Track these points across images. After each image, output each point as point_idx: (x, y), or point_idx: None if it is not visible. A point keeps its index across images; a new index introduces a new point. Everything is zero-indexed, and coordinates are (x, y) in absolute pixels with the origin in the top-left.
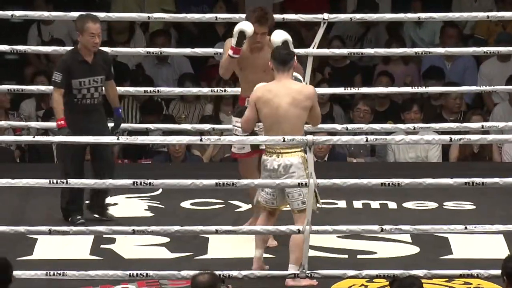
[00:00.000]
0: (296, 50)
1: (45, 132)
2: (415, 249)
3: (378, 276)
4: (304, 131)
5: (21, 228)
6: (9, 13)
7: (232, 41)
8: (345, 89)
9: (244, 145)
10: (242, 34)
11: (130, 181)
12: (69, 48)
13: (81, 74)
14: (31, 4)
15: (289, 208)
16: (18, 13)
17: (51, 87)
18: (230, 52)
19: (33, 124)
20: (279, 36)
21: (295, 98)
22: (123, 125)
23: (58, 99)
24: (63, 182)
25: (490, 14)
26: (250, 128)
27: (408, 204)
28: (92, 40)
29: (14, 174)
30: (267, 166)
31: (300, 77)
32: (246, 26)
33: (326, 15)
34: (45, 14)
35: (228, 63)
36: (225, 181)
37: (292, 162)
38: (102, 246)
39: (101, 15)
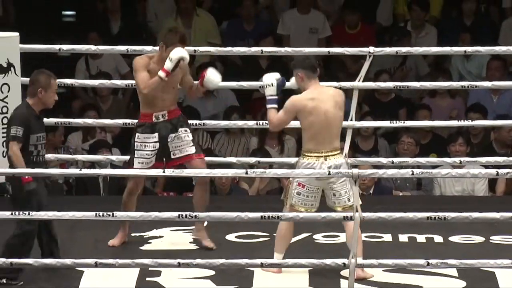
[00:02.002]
0: (343, 83)
1: (92, 165)
2: (461, 284)
3: None
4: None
5: (68, 261)
6: (56, 47)
7: (169, 65)
8: (390, 123)
9: (152, 159)
10: (180, 60)
11: (175, 213)
12: (116, 81)
13: (37, 129)
14: (83, 38)
15: None
16: (65, 47)
17: (98, 120)
18: (163, 74)
19: (79, 157)
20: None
21: (337, 102)
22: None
23: (19, 154)
24: (109, 215)
25: None
26: (279, 130)
27: (455, 238)
28: (54, 98)
29: (61, 207)
30: (315, 168)
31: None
32: (184, 53)
33: (371, 49)
34: (92, 48)
35: (157, 84)
36: (270, 214)
37: (340, 162)
38: (147, 279)
39: (148, 48)
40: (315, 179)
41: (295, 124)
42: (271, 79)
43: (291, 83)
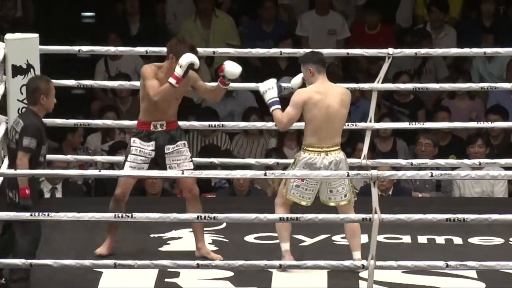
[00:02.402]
0: (361, 85)
1: (111, 166)
2: (481, 285)
3: None
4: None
5: (87, 262)
6: (76, 48)
7: (179, 72)
8: (409, 124)
9: (144, 166)
10: (191, 66)
11: (194, 215)
12: (135, 82)
13: (45, 140)
14: (103, 40)
15: None
16: (85, 48)
17: (117, 122)
18: (173, 81)
19: (99, 158)
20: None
21: (342, 99)
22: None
23: (27, 166)
24: (128, 216)
25: None
26: (288, 128)
27: (474, 240)
28: (54, 102)
29: (80, 208)
30: (316, 164)
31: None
32: (195, 59)
33: (391, 50)
34: (112, 49)
35: (168, 91)
36: (289, 215)
37: (341, 158)
38: (166, 279)
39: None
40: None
41: None
42: (269, 83)
43: (295, 82)
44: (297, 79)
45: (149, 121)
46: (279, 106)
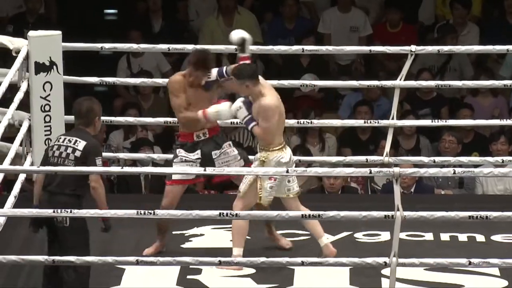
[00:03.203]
0: (384, 82)
1: (133, 163)
2: (503, 283)
3: None
4: None
5: (109, 259)
6: (98, 45)
7: (212, 115)
8: (432, 121)
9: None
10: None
11: (216, 212)
12: (157, 80)
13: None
14: (125, 37)
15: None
16: (107, 45)
17: (140, 119)
18: (202, 117)
19: (121, 155)
20: (237, 33)
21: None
22: None
23: (103, 188)
24: (150, 213)
25: None
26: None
27: (497, 237)
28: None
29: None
30: (283, 158)
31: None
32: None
33: (413, 47)
34: (134, 46)
35: (194, 119)
36: (311, 212)
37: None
38: (188, 276)
39: (189, 47)
40: (286, 167)
41: (335, 122)
42: (236, 105)
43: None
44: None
45: (191, 132)
46: (255, 123)
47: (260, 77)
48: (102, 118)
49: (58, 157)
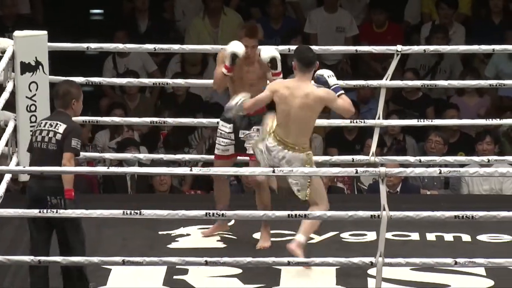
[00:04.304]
0: (370, 82)
1: (119, 163)
2: (489, 283)
3: None
4: (312, 132)
5: (95, 259)
6: (84, 45)
7: (226, 61)
8: (418, 121)
9: (229, 148)
10: (234, 55)
11: (203, 212)
12: (143, 80)
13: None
14: (111, 37)
15: None
16: (93, 45)
17: (126, 119)
18: (224, 70)
19: (107, 155)
20: (268, 53)
21: (304, 102)
22: (196, 157)
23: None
24: (136, 213)
25: None
26: (252, 110)
27: (482, 237)
28: (81, 107)
29: (88, 204)
30: (272, 152)
31: (325, 72)
32: (237, 48)
33: (399, 47)
34: (120, 46)
35: (221, 79)
36: (297, 212)
37: (297, 158)
38: (175, 277)
39: (175, 47)
40: (270, 159)
41: (321, 122)
42: (236, 99)
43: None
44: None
45: None
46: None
47: (309, 84)
48: (88, 118)
49: (41, 141)
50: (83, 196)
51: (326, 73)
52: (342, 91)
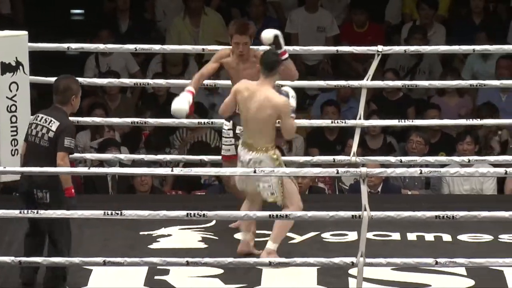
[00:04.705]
0: (351, 82)
1: (100, 163)
2: (470, 282)
3: None
4: (274, 131)
5: (76, 259)
6: (65, 45)
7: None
8: (399, 121)
9: (230, 148)
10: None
11: (184, 212)
12: (125, 80)
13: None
14: (93, 37)
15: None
16: (74, 45)
17: (107, 119)
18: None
19: (88, 155)
20: (269, 32)
21: (261, 105)
22: (177, 157)
23: (69, 165)
24: (117, 214)
25: None
26: (225, 112)
27: (463, 237)
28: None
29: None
30: (240, 157)
31: (290, 92)
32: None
33: (380, 47)
34: (101, 46)
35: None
36: (278, 212)
37: (263, 159)
38: (156, 277)
39: (156, 47)
40: (241, 165)
41: (302, 122)
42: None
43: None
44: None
45: None
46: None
47: (269, 88)
48: (69, 118)
49: (35, 136)
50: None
51: (291, 92)
52: (294, 116)
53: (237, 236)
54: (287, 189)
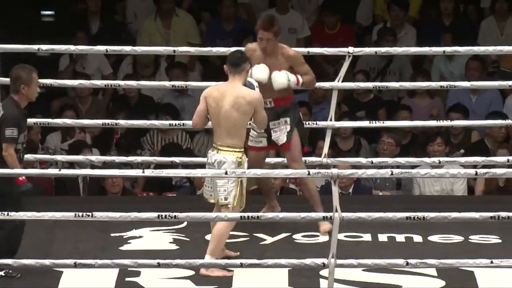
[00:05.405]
0: (321, 84)
1: (71, 165)
2: (440, 283)
3: None
4: (245, 131)
5: (47, 261)
6: (35, 46)
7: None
8: (370, 123)
9: (261, 139)
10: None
11: (155, 214)
12: (96, 82)
13: (24, 128)
14: (64, 38)
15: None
16: (44, 47)
17: (78, 121)
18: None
19: (59, 157)
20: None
21: (236, 102)
22: (148, 159)
23: (15, 155)
24: (88, 215)
25: None
26: (199, 121)
27: (434, 238)
28: (36, 91)
29: (40, 207)
30: (208, 159)
31: (254, 82)
32: (261, 74)
33: (351, 49)
34: (71, 48)
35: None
36: (250, 214)
37: (226, 160)
38: (127, 279)
39: (127, 48)
40: (208, 167)
41: None
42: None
43: (261, 76)
44: (262, 72)
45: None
46: None
47: (239, 84)
48: (40, 120)
49: None
50: (36, 198)
51: (255, 83)
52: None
53: (209, 237)
54: (241, 193)
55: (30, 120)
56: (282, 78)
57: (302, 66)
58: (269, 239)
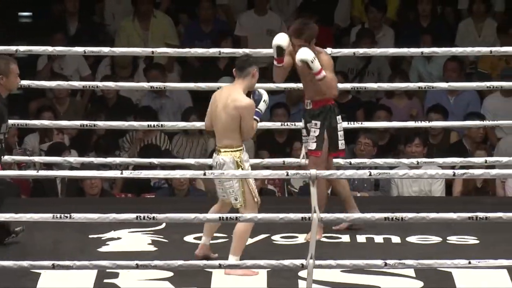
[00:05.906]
0: (300, 85)
1: (49, 166)
2: (418, 284)
3: None
4: (238, 135)
5: (25, 263)
6: (13, 48)
7: (274, 54)
8: (348, 123)
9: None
10: (279, 48)
11: (133, 215)
12: (74, 83)
13: (6, 118)
14: (41, 39)
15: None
16: (22, 48)
17: (56, 122)
18: (275, 62)
19: (37, 158)
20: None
21: (226, 105)
22: (126, 160)
23: None
24: (66, 217)
25: (493, 49)
26: (207, 123)
27: (412, 239)
28: (17, 81)
29: (18, 208)
30: (212, 162)
31: (263, 93)
32: (281, 40)
33: (329, 50)
34: (49, 49)
35: (275, 71)
36: (228, 215)
37: (224, 161)
38: (105, 280)
39: (105, 49)
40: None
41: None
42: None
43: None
44: (306, 54)
45: (305, 99)
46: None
47: (235, 87)
48: (18, 121)
49: None
50: (13, 199)
51: (264, 96)
52: (258, 119)
53: (187, 239)
54: (247, 199)
55: (9, 121)
56: (309, 53)
57: (329, 73)
58: (248, 240)
